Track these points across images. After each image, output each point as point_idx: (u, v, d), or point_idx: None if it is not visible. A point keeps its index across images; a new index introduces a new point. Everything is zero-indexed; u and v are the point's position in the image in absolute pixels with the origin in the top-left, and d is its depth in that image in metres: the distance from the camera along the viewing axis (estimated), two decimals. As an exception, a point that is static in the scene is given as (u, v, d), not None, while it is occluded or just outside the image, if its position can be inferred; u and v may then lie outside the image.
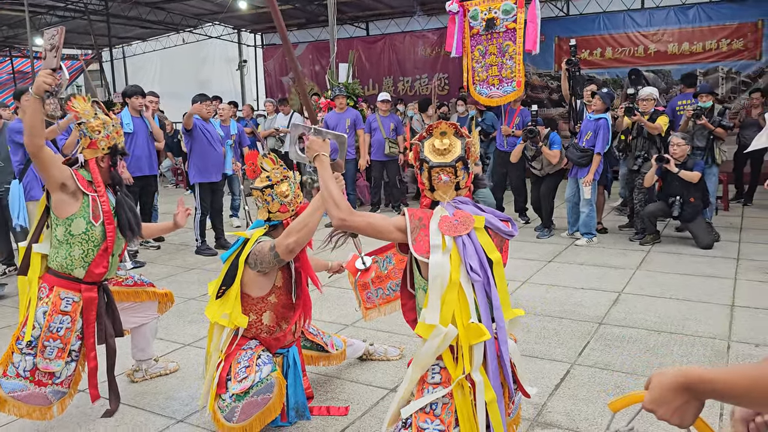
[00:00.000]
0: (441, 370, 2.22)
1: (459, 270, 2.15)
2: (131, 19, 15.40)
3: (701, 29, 12.00)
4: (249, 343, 3.02)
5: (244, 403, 2.81)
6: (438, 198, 2.31)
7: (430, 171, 2.27)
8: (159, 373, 3.82)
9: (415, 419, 2.17)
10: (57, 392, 3.09)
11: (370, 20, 15.84)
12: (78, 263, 3.13)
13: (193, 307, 5.13)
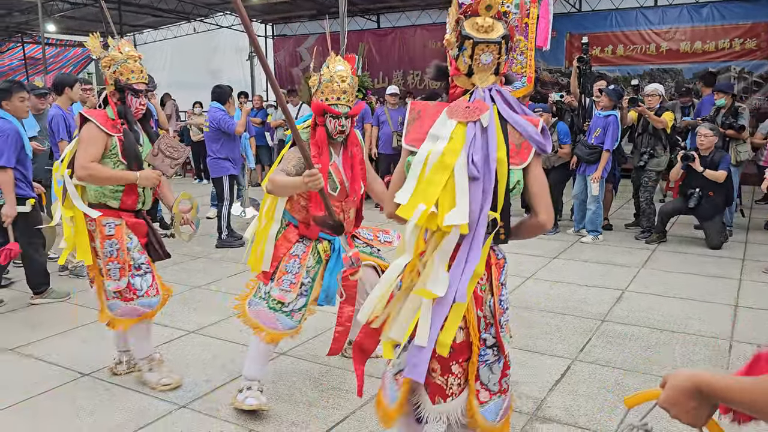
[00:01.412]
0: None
1: (458, 156, 1.97)
2: (143, 7, 15.43)
3: (714, 28, 11.91)
4: (296, 248, 3.17)
5: (269, 311, 3.11)
6: (476, 82, 2.06)
7: (474, 48, 2.01)
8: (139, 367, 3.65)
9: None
10: (144, 303, 3.42)
11: (381, 13, 15.81)
12: (110, 196, 3.39)
13: (198, 295, 5.17)
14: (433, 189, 1.95)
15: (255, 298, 3.20)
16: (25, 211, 4.75)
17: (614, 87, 7.22)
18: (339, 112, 3.05)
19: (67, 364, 3.82)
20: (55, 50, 19.10)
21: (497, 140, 2.01)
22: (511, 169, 2.02)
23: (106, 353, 3.97)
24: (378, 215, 8.39)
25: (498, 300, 2.11)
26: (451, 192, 1.95)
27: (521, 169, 2.05)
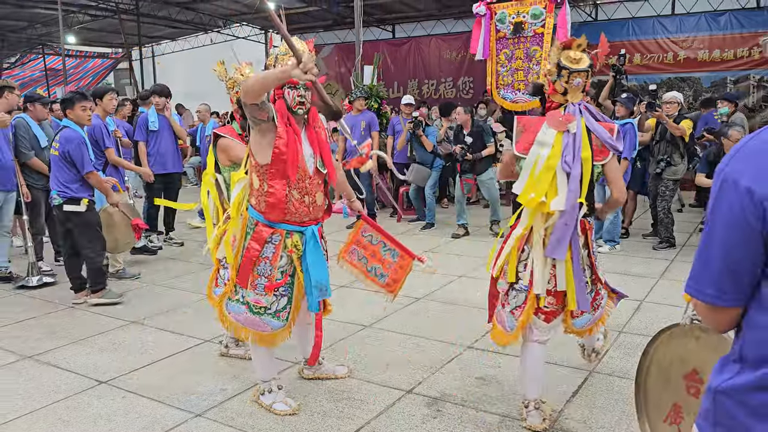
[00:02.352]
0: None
1: (558, 159, 2.82)
2: (161, 19, 15.64)
3: (733, 36, 11.79)
4: (266, 249, 3.08)
5: (254, 316, 3.14)
6: (570, 99, 2.93)
7: (569, 75, 2.89)
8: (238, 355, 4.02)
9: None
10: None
11: (397, 23, 15.87)
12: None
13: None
14: (542, 185, 2.84)
15: (233, 301, 3.20)
16: (80, 211, 5.04)
17: (628, 95, 7.18)
18: (296, 81, 2.88)
19: (84, 372, 3.84)
20: (75, 61, 19.39)
21: (582, 143, 2.83)
22: (595, 164, 2.91)
23: (122, 361, 4.00)
24: (395, 225, 8.38)
25: (592, 250, 3.06)
26: (554, 186, 2.84)
27: (602, 164, 2.96)
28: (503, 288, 3.13)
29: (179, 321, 4.80)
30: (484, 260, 6.49)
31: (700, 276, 1.26)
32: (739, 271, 1.20)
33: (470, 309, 4.95)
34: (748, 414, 1.20)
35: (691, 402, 1.81)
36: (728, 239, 1.20)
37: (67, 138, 4.98)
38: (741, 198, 1.16)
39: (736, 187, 1.18)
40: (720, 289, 1.23)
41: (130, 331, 4.62)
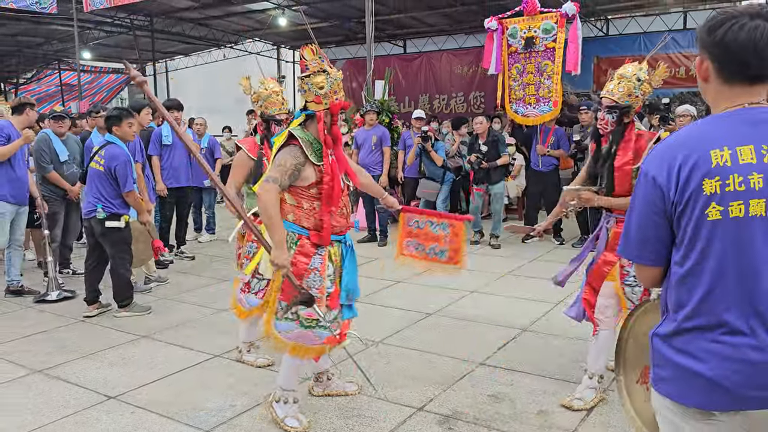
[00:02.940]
0: None
1: None
2: (174, 35, 15.82)
3: (745, 50, 11.72)
4: (314, 261, 3.10)
5: (305, 330, 3.08)
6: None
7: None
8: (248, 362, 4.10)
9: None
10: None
11: (408, 38, 15.95)
12: None
13: (224, 318, 5.17)
14: None
15: (281, 321, 3.12)
16: (119, 227, 5.16)
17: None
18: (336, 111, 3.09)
19: (94, 387, 3.83)
20: (90, 77, 19.65)
21: None
22: None
23: (132, 376, 3.98)
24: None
25: None
26: None
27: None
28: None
29: (189, 335, 4.78)
30: (495, 276, 6.46)
31: (626, 242, 1.67)
32: (650, 239, 1.60)
33: (482, 325, 4.89)
34: (673, 352, 1.57)
35: None
36: (641, 215, 1.60)
37: (113, 155, 5.08)
38: (649, 185, 1.57)
39: (646, 177, 1.58)
40: (639, 253, 1.63)
41: (140, 345, 4.60)
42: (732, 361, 1.48)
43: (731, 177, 1.46)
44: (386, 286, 6.10)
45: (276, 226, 2.91)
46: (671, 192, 1.53)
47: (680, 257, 1.56)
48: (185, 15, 14.28)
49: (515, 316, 5.07)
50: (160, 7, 13.46)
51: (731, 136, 1.50)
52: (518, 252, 7.62)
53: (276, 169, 2.94)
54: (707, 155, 1.49)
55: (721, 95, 1.57)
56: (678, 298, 1.57)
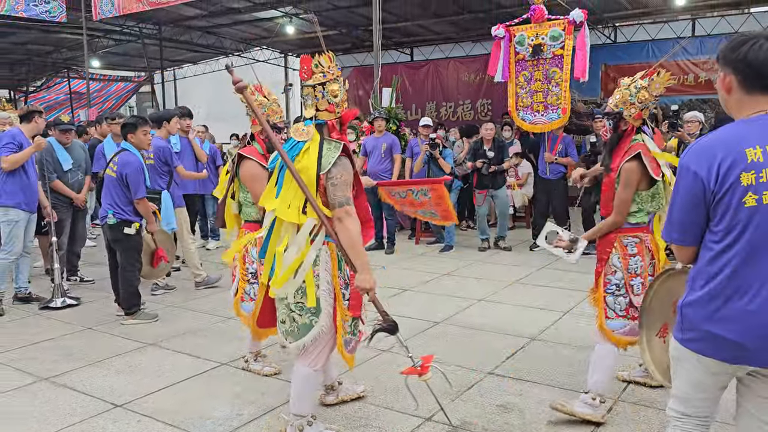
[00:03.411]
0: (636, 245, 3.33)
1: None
2: (183, 43, 15.91)
3: (754, 58, 11.67)
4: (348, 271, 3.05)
5: (352, 338, 3.11)
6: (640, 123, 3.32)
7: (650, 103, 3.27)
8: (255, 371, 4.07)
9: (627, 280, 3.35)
10: None
11: (415, 46, 15.97)
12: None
13: (231, 326, 5.15)
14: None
15: (348, 336, 3.06)
16: (129, 234, 5.22)
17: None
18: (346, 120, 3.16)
19: (100, 395, 3.81)
20: (99, 85, 19.76)
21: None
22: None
23: (138, 384, 3.96)
24: (413, 247, 8.33)
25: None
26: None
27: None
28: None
29: (196, 343, 4.77)
30: (503, 284, 6.42)
31: (670, 227, 2.04)
32: (691, 223, 1.96)
33: (490, 334, 4.85)
34: (702, 319, 1.92)
35: (673, 317, 2.49)
36: (684, 204, 1.95)
37: (126, 162, 5.14)
38: (690, 178, 1.92)
39: (687, 171, 1.93)
40: (680, 236, 2.01)
41: (147, 353, 4.59)
42: (754, 327, 1.84)
43: (764, 171, 1.83)
44: (393, 294, 6.07)
45: (361, 250, 2.82)
46: (711, 184, 1.88)
47: (717, 238, 1.91)
48: (193, 23, 14.36)
49: (524, 324, 5.03)
50: (168, 16, 13.55)
51: (761, 137, 1.85)
52: (526, 260, 7.58)
53: (346, 188, 2.82)
54: (743, 153, 1.84)
55: (744, 104, 1.93)
56: (710, 272, 1.92)
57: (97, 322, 5.35)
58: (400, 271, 7.16)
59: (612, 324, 3.38)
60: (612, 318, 3.38)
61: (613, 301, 3.37)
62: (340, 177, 2.81)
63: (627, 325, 3.35)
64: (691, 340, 1.98)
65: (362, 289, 2.85)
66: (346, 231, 2.77)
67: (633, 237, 3.35)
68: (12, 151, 5.58)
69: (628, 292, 3.36)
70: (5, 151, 5.56)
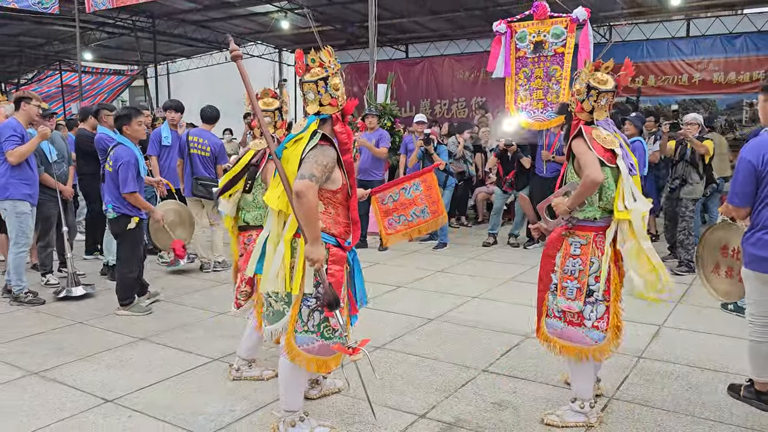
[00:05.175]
0: (581, 246, 3.19)
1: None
2: (176, 37, 15.80)
3: (749, 59, 11.74)
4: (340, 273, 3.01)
5: (325, 342, 2.97)
6: (596, 117, 3.17)
7: (598, 95, 3.13)
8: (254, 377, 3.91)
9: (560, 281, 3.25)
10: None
11: (410, 42, 15.94)
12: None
13: (224, 321, 5.11)
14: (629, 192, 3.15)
15: (301, 333, 2.98)
16: (129, 228, 5.22)
17: (637, 114, 7.20)
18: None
19: (91, 390, 3.77)
20: (91, 78, 19.60)
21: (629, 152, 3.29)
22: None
23: (129, 379, 3.92)
24: (407, 244, 8.30)
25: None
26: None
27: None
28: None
29: (188, 338, 4.73)
30: (498, 281, 6.41)
31: (732, 195, 3.37)
32: (747, 192, 3.32)
33: (484, 331, 4.84)
34: (756, 249, 3.29)
35: (724, 260, 3.85)
36: (744, 180, 3.32)
37: (119, 156, 5.14)
38: (746, 163, 3.30)
39: (745, 160, 3.31)
40: (740, 200, 3.36)
41: (138, 348, 4.54)
42: None
43: None
44: (387, 291, 6.04)
45: (315, 223, 2.79)
46: (759, 167, 3.30)
47: (760, 200, 3.32)
48: (187, 17, 14.26)
49: (518, 322, 5.02)
50: (162, 9, 13.45)
51: None
52: (520, 258, 7.57)
53: (316, 166, 2.77)
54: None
55: None
56: (757, 221, 3.32)
57: (88, 316, 5.30)
58: (393, 267, 7.13)
59: (549, 322, 3.31)
60: (550, 317, 3.30)
61: (552, 301, 3.29)
62: (312, 157, 2.80)
63: (563, 328, 3.25)
64: (751, 263, 3.35)
65: (309, 259, 2.81)
66: (300, 206, 2.73)
67: (580, 237, 3.20)
68: (16, 144, 5.48)
69: (560, 294, 3.24)
70: (10, 144, 5.46)
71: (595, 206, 3.18)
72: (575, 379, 3.33)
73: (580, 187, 3.08)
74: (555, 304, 3.28)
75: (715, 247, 3.75)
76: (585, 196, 3.10)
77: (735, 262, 3.59)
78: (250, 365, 3.95)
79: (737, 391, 3.59)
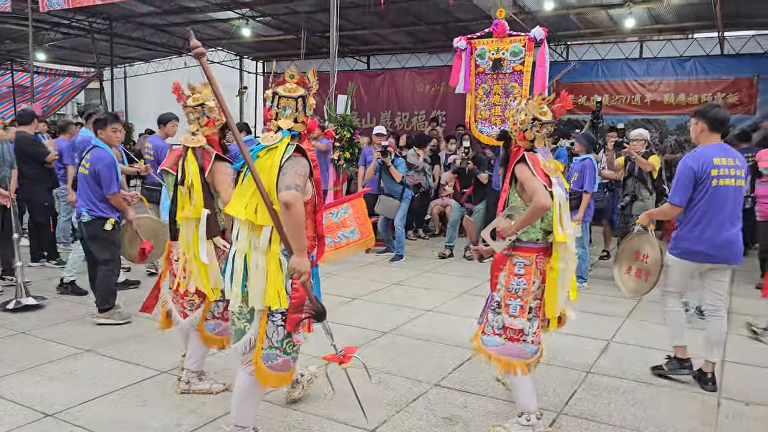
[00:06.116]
0: (525, 266, 3.28)
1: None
2: (134, 40, 15.49)
3: (698, 82, 12.18)
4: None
5: (288, 358, 3.02)
6: (536, 145, 3.33)
7: (541, 126, 3.28)
8: (203, 390, 3.82)
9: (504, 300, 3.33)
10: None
11: (372, 54, 16.01)
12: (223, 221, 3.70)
13: (173, 333, 4.98)
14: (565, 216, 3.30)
15: (267, 350, 2.97)
16: (106, 230, 5.16)
17: (585, 133, 7.38)
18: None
19: (30, 403, 3.63)
20: (45, 79, 19.03)
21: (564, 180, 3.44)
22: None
23: (72, 392, 3.79)
24: (363, 256, 8.29)
25: None
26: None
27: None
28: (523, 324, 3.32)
29: (137, 350, 4.61)
30: (452, 294, 6.45)
31: (674, 194, 4.00)
32: (686, 193, 3.95)
33: (438, 345, 4.86)
34: (684, 241, 4.04)
35: (635, 263, 4.36)
36: (684, 183, 3.95)
37: (99, 157, 5.12)
38: (688, 169, 3.94)
39: (687, 165, 3.95)
40: (680, 199, 3.97)
41: (83, 359, 4.41)
42: (712, 243, 3.91)
43: (722, 170, 3.88)
44: (342, 303, 6.02)
45: (303, 234, 2.82)
46: (697, 173, 3.89)
47: (694, 201, 3.94)
48: (146, 20, 14.01)
49: (470, 336, 5.04)
50: (120, 11, 13.17)
51: (720, 152, 3.95)
52: (475, 272, 7.64)
53: (298, 177, 2.80)
54: (711, 160, 3.90)
55: (709, 137, 4.02)
56: (688, 218, 3.98)
57: (32, 326, 5.12)
58: (349, 279, 7.11)
59: (487, 339, 3.39)
60: (488, 334, 3.39)
61: (493, 318, 3.37)
62: (291, 167, 2.83)
63: (502, 344, 3.32)
64: (679, 254, 4.07)
65: (296, 271, 2.83)
66: (289, 216, 2.74)
67: (524, 258, 3.29)
68: None
69: (504, 312, 3.32)
70: None
71: (537, 228, 3.29)
72: (517, 395, 3.37)
73: (529, 211, 3.14)
74: (496, 321, 3.35)
75: (630, 253, 4.36)
76: (534, 220, 3.19)
77: (644, 265, 4.24)
78: (200, 378, 3.87)
79: (661, 369, 4.29)
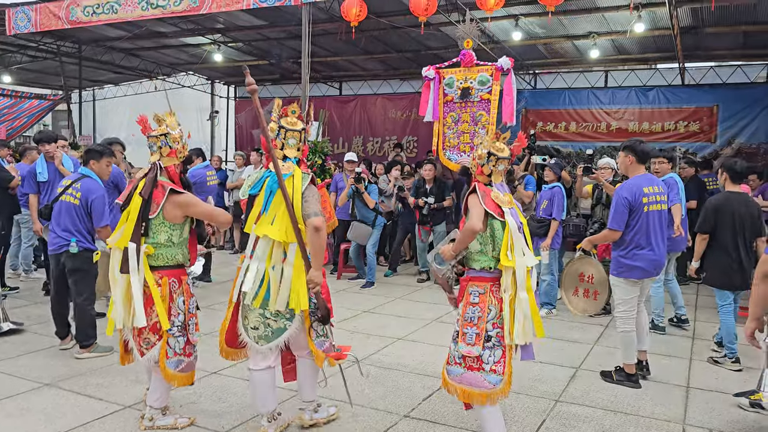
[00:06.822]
0: (479, 295, 3.40)
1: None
2: (104, 64, 15.35)
3: (660, 110, 12.54)
4: None
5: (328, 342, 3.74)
6: (494, 180, 3.50)
7: (497, 161, 3.47)
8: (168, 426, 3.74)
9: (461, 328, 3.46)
10: None
11: (344, 80, 16.11)
12: (186, 256, 3.78)
13: (137, 366, 4.88)
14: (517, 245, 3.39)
15: (323, 338, 3.79)
16: (90, 263, 5.01)
17: (556, 161, 7.54)
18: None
19: (-14, 442, 3.50)
20: (10, 101, 18.70)
21: (519, 211, 3.57)
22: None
23: (30, 430, 3.67)
24: (334, 282, 8.24)
25: None
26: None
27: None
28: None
29: (99, 384, 4.49)
30: (423, 322, 6.44)
31: (612, 221, 4.59)
32: (623, 219, 4.54)
33: (408, 375, 4.84)
34: (625, 260, 4.60)
35: (581, 285, 5.53)
36: (620, 211, 4.55)
37: (91, 189, 5.02)
38: (623, 199, 4.54)
39: (622, 196, 4.56)
40: (618, 225, 4.57)
41: (43, 394, 4.28)
42: (647, 260, 4.55)
43: (651, 197, 4.55)
44: (312, 332, 5.95)
45: (323, 253, 3.44)
46: (632, 202, 4.51)
47: (630, 226, 4.54)
48: (116, 44, 13.90)
49: (440, 365, 5.00)
50: (89, 35, 13.06)
51: (647, 182, 4.61)
52: (445, 300, 7.65)
53: (317, 204, 3.43)
54: (642, 189, 4.54)
55: (637, 169, 4.67)
56: (625, 240, 4.56)
57: (-11, 359, 4.97)
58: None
59: (450, 369, 3.48)
60: (452, 364, 3.47)
61: (454, 348, 3.46)
62: (312, 196, 3.46)
63: (462, 374, 3.39)
64: (622, 273, 4.58)
65: (312, 282, 3.43)
66: (318, 238, 3.38)
67: (478, 287, 3.42)
68: None
69: (461, 341, 3.40)
70: None
71: (489, 256, 3.40)
72: (484, 426, 3.39)
73: (460, 234, 3.39)
74: (456, 351, 3.41)
75: (574, 275, 4.90)
76: (465, 243, 3.39)
77: (590, 285, 4.54)
78: (164, 413, 3.78)
79: (610, 376, 4.74)
